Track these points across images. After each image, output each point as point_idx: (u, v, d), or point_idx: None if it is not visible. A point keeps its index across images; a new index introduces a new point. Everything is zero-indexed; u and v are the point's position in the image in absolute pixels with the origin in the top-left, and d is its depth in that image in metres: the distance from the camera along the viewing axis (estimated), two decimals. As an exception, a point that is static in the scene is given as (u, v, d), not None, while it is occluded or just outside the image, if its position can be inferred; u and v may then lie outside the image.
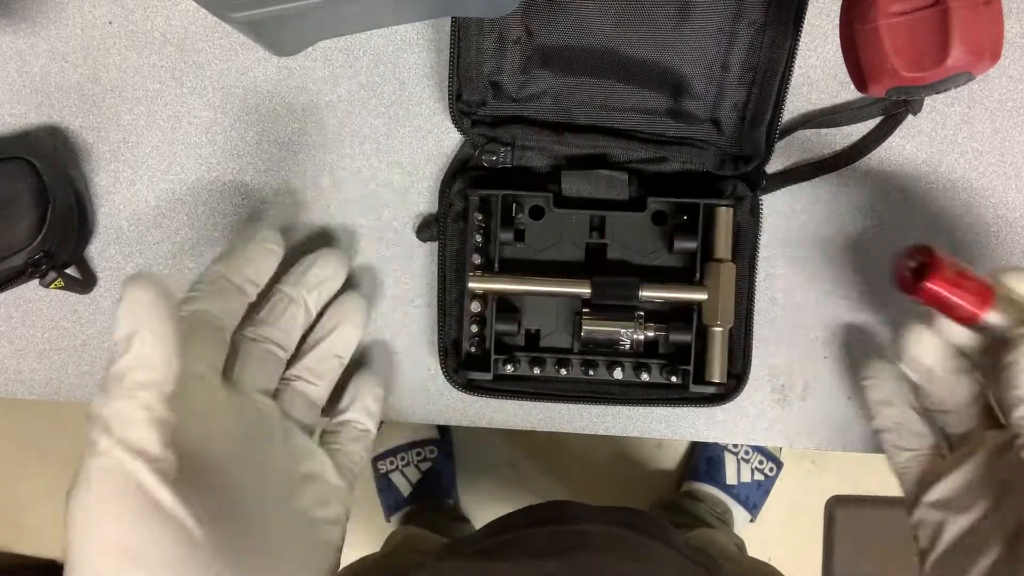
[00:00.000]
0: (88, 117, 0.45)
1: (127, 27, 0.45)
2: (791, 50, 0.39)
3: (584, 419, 0.46)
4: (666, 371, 0.43)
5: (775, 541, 1.14)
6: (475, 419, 0.46)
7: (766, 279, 0.45)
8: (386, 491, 1.10)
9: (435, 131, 0.45)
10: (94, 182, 0.46)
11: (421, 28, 0.44)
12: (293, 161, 0.45)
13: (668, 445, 1.16)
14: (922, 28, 0.35)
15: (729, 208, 0.42)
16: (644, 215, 0.43)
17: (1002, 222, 0.44)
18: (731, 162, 0.43)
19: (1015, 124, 0.44)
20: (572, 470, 1.16)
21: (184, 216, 0.46)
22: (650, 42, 0.40)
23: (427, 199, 0.45)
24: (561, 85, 0.42)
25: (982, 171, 0.44)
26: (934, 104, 0.44)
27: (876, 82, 0.37)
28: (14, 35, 0.45)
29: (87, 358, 0.46)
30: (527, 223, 0.43)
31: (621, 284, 0.41)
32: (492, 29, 0.40)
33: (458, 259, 0.43)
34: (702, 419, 0.46)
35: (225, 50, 0.45)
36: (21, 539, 1.24)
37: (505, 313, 0.43)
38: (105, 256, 0.46)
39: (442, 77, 0.45)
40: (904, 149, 0.44)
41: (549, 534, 0.46)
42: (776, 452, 1.10)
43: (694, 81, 0.41)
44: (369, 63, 0.45)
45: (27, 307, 0.46)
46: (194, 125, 0.45)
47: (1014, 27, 0.44)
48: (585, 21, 0.39)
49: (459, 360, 0.43)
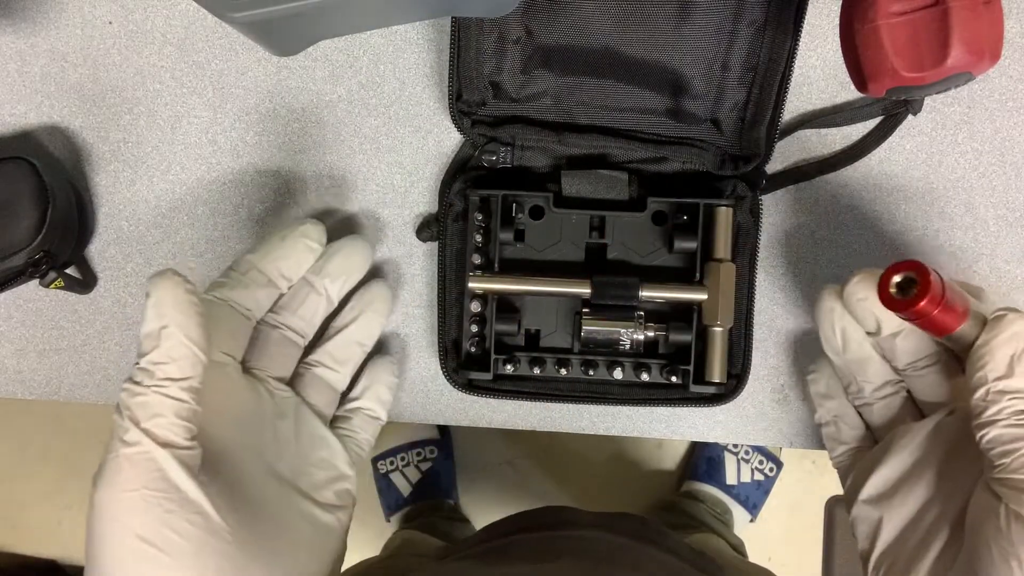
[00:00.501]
0: (88, 117, 0.45)
1: (127, 27, 0.45)
2: (791, 50, 0.39)
3: (584, 419, 0.46)
4: (666, 371, 0.43)
5: (775, 541, 1.14)
6: (475, 419, 0.46)
7: (766, 279, 0.45)
8: (386, 491, 1.10)
9: (435, 131, 0.45)
10: (94, 182, 0.46)
11: (421, 28, 0.44)
12: (293, 161, 0.45)
13: (668, 445, 1.16)
14: (922, 28, 0.35)
15: (729, 208, 0.42)
16: (644, 215, 0.43)
17: (1002, 222, 0.44)
18: (731, 162, 0.43)
19: (1015, 124, 0.44)
20: (572, 470, 1.16)
21: (184, 216, 0.46)
22: (650, 42, 0.40)
23: (427, 199, 0.45)
24: (561, 85, 0.42)
25: (982, 171, 0.44)
26: (934, 104, 0.44)
27: (876, 82, 0.37)
28: (14, 35, 0.45)
29: (87, 358, 0.46)
30: (527, 223, 0.43)
31: (621, 284, 0.41)
32: (492, 29, 0.40)
33: (458, 259, 0.43)
34: (702, 419, 0.46)
35: (225, 50, 0.45)
36: (21, 539, 1.24)
37: (505, 313, 0.43)
38: (105, 256, 0.46)
39: (442, 77, 0.45)
40: (904, 149, 0.44)
41: (545, 540, 0.46)
42: (776, 452, 1.10)
43: (694, 81, 0.41)
44: (369, 63, 0.45)
45: (27, 307, 0.46)
46: (194, 125, 0.45)
47: (1014, 27, 0.44)
48: (585, 21, 0.39)
49: (459, 360, 0.43)
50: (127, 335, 0.46)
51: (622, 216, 0.43)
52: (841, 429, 0.41)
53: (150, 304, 0.30)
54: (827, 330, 0.40)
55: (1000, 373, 0.33)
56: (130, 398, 0.30)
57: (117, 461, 0.29)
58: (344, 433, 0.41)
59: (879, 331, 0.38)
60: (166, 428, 0.29)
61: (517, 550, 0.46)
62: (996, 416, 0.32)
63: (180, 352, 0.30)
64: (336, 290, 0.41)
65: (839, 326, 0.39)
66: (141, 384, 0.30)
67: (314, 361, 0.41)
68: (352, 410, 0.42)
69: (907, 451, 0.37)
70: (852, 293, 0.38)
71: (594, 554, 0.44)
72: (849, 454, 0.41)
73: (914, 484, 0.36)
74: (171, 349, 0.30)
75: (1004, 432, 0.32)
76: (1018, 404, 0.32)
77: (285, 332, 0.39)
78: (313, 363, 0.41)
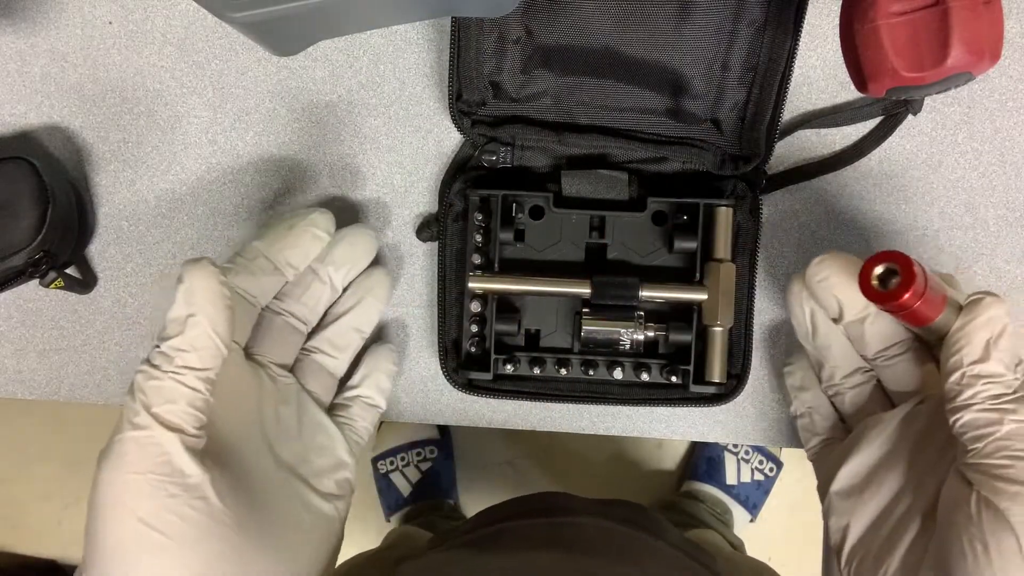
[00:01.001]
0: (88, 117, 0.45)
1: (127, 27, 0.45)
2: (791, 50, 0.39)
3: (584, 419, 0.46)
4: (666, 371, 0.43)
5: (775, 541, 1.14)
6: (475, 419, 0.46)
7: (766, 279, 0.45)
8: (386, 491, 1.10)
9: (435, 131, 0.45)
10: (94, 182, 0.46)
11: (421, 28, 0.44)
12: (293, 161, 0.45)
13: (668, 445, 1.16)
14: (922, 28, 0.35)
15: (729, 208, 0.42)
16: (644, 215, 0.43)
17: (1002, 222, 0.44)
18: (731, 162, 0.43)
19: (1015, 124, 0.44)
20: (572, 470, 1.16)
21: (184, 216, 0.46)
22: (650, 42, 0.40)
23: (427, 199, 0.45)
24: (561, 85, 0.42)
25: (982, 171, 0.44)
26: (934, 104, 0.44)
27: (876, 82, 0.37)
28: (14, 35, 0.45)
29: (87, 358, 0.46)
30: (527, 223, 0.43)
31: (621, 284, 0.41)
32: (492, 29, 0.40)
33: (458, 259, 0.43)
34: (702, 419, 0.46)
35: (225, 50, 0.45)
36: (21, 539, 1.24)
37: (505, 313, 0.43)
38: (105, 256, 0.46)
39: (442, 77, 0.45)
40: (904, 149, 0.44)
41: (540, 526, 0.46)
42: (776, 452, 1.10)
43: (694, 81, 0.41)
44: (369, 63, 0.45)
45: (27, 307, 0.46)
46: (194, 125, 0.45)
47: (1014, 27, 0.44)
48: (585, 21, 0.39)
49: (459, 360, 0.43)
50: (127, 335, 0.46)
51: (622, 216, 0.43)
52: (815, 420, 0.41)
53: (181, 290, 0.31)
54: (797, 314, 0.40)
55: (976, 357, 0.33)
56: (146, 381, 0.30)
57: (124, 443, 0.29)
58: (343, 421, 0.41)
59: (842, 316, 0.38)
60: (177, 415, 0.29)
61: (510, 538, 0.45)
62: (971, 400, 0.32)
63: (203, 343, 0.30)
64: (340, 278, 0.41)
65: (807, 309, 0.39)
66: (159, 368, 0.30)
67: (313, 347, 0.41)
68: (351, 398, 0.42)
69: (877, 442, 0.37)
70: (813, 275, 0.38)
71: (588, 543, 0.44)
72: (822, 445, 0.41)
73: (884, 475, 0.36)
74: (195, 338, 0.30)
75: (978, 416, 0.32)
76: (993, 388, 0.32)
77: (288, 319, 0.39)
78: (312, 349, 0.41)
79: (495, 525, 0.48)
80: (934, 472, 0.35)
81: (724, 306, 0.41)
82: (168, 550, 0.29)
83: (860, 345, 0.39)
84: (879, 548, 0.35)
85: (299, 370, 0.40)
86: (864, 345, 0.38)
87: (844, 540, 0.37)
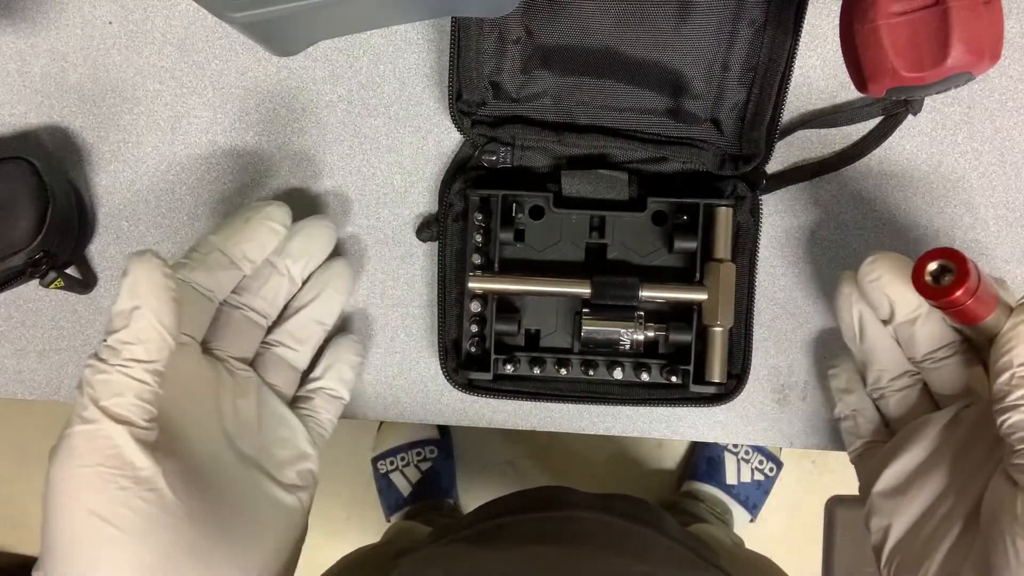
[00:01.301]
0: (88, 117, 0.45)
1: (127, 27, 0.45)
2: (791, 50, 0.39)
3: (584, 419, 0.46)
4: (666, 371, 0.43)
5: (775, 541, 1.14)
6: (475, 419, 0.46)
7: (766, 279, 0.45)
8: (386, 491, 1.10)
9: (435, 131, 0.45)
10: (94, 182, 0.46)
11: (421, 28, 0.44)
12: (293, 161, 0.45)
13: (668, 445, 1.16)
14: (922, 28, 0.35)
15: (729, 208, 0.42)
16: (644, 215, 0.43)
17: (1002, 222, 0.44)
18: (731, 162, 0.43)
19: (1015, 124, 0.44)
20: (572, 470, 1.16)
21: (184, 216, 0.46)
22: (650, 42, 0.40)
23: (427, 199, 0.45)
24: (561, 85, 0.42)
25: (982, 171, 0.44)
26: (934, 104, 0.44)
27: (876, 82, 0.37)
28: (14, 35, 0.45)
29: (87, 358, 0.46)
30: (527, 223, 0.43)
31: (621, 284, 0.41)
32: (492, 29, 0.40)
33: (458, 259, 0.43)
34: (702, 419, 0.46)
35: (225, 50, 0.45)
36: (21, 539, 1.24)
37: (505, 313, 0.43)
38: (105, 256, 0.46)
39: (442, 77, 0.45)
40: (904, 149, 0.44)
41: (540, 520, 0.46)
42: (776, 452, 1.10)
43: (694, 81, 0.41)
44: (369, 63, 0.45)
45: (27, 307, 0.46)
46: (194, 125, 0.45)
47: (1014, 27, 0.44)
48: (585, 21, 0.39)
49: (459, 360, 0.43)
50: (127, 335, 0.46)
51: (622, 216, 0.43)
52: (859, 423, 0.41)
53: (125, 283, 0.30)
54: (845, 316, 0.39)
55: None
56: (93, 375, 0.30)
57: (73, 437, 0.29)
58: (306, 413, 0.41)
59: (893, 316, 0.38)
60: (125, 408, 0.29)
61: (511, 532, 0.45)
62: (1019, 401, 0.32)
63: (149, 335, 0.30)
64: (298, 271, 0.41)
65: (856, 311, 0.39)
66: (106, 362, 0.30)
67: (274, 341, 0.41)
68: (313, 390, 0.42)
69: (922, 444, 0.37)
70: (865, 274, 0.37)
71: (589, 537, 0.44)
72: (865, 447, 0.41)
73: (928, 477, 0.36)
74: (140, 331, 0.30)
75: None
76: None
77: (247, 313, 0.39)
78: (273, 343, 0.41)
79: (495, 519, 0.48)
80: (979, 474, 0.35)
81: (724, 306, 0.41)
82: (120, 542, 0.29)
83: (910, 346, 0.38)
84: (920, 549, 0.35)
85: (260, 364, 0.40)
86: (914, 346, 0.38)
87: (885, 540, 0.37)
